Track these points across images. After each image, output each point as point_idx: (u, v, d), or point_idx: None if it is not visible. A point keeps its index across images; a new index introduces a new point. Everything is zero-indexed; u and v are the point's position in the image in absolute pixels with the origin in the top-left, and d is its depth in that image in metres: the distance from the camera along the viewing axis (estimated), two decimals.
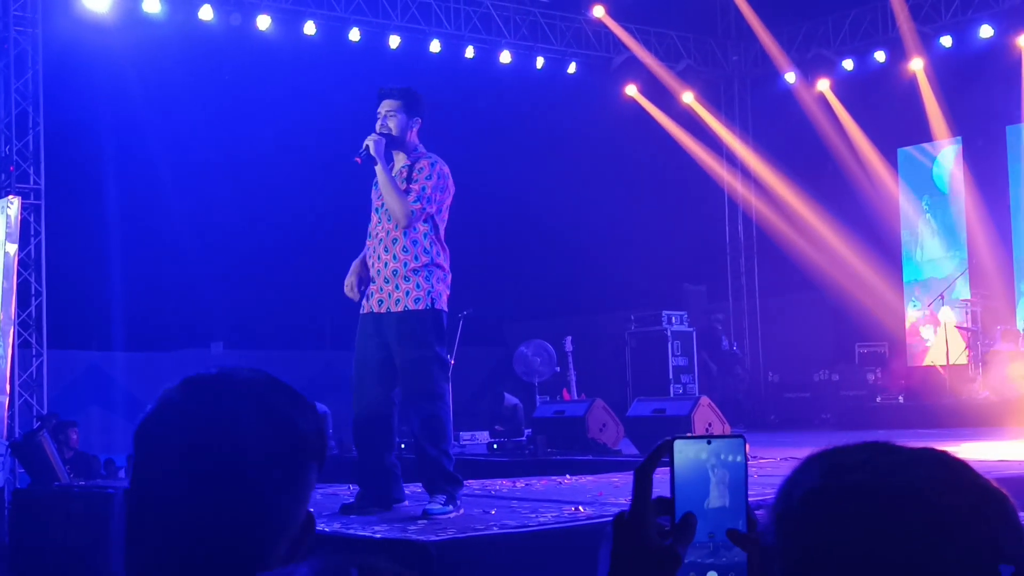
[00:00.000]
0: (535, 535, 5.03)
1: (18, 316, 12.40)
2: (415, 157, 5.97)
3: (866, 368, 15.72)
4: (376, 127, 5.93)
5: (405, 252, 5.86)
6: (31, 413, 12.59)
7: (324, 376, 14.52)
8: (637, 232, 17.50)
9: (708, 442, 1.28)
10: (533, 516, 5.47)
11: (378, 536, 4.94)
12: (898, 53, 16.06)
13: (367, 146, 5.83)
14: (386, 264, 5.86)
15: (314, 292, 17.11)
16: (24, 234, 12.54)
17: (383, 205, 5.92)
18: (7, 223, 11.14)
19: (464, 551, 4.71)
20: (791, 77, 17.04)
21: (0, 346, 10.93)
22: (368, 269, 5.98)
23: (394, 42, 15.18)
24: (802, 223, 17.03)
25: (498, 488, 7.35)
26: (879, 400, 14.85)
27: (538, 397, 14.03)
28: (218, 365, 1.42)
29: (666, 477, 1.27)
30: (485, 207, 16.47)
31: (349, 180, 6.26)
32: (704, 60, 18.01)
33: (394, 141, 5.92)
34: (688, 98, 17.63)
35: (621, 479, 7.75)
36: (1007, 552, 1.09)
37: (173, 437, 1.32)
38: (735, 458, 1.28)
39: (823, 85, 16.95)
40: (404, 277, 5.83)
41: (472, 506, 5.97)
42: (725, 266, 18.67)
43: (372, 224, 6.01)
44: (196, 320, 18.47)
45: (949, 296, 14.87)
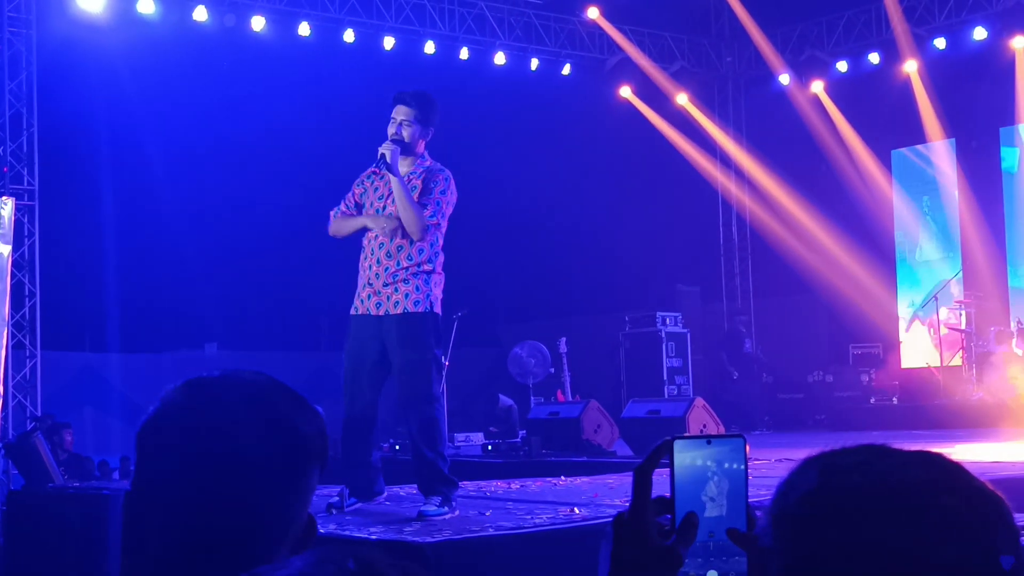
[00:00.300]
0: (531, 537, 5.03)
1: (12, 317, 12.39)
2: (421, 165, 5.96)
3: (860, 369, 15.73)
4: (389, 132, 5.89)
5: (410, 259, 5.86)
6: (24, 414, 12.58)
7: (318, 377, 14.50)
8: (631, 233, 17.50)
9: (708, 442, 1.29)
10: (528, 517, 5.47)
11: (374, 537, 4.94)
12: (892, 55, 16.08)
13: (383, 155, 5.77)
14: (387, 268, 5.85)
15: (308, 293, 17.11)
16: (18, 235, 12.53)
17: (383, 209, 5.91)
18: (1, 224, 11.13)
19: (460, 552, 4.71)
20: (785, 78, 17.06)
21: None
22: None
23: (388, 43, 15.16)
24: (796, 224, 17.03)
25: (493, 489, 7.35)
26: (873, 401, 14.86)
27: (532, 398, 14.03)
28: (216, 367, 1.42)
29: (665, 477, 1.28)
30: (479, 208, 16.41)
31: (345, 181, 6.25)
32: (698, 61, 18.02)
33: (406, 149, 5.89)
34: (682, 99, 17.64)
35: (616, 480, 7.75)
36: (1004, 553, 1.10)
37: (175, 439, 1.32)
38: (735, 457, 1.28)
39: (817, 86, 16.96)
40: (404, 280, 5.84)
41: (467, 507, 5.97)
42: (719, 267, 18.67)
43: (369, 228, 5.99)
44: (190, 321, 18.45)
45: (943, 297, 14.88)
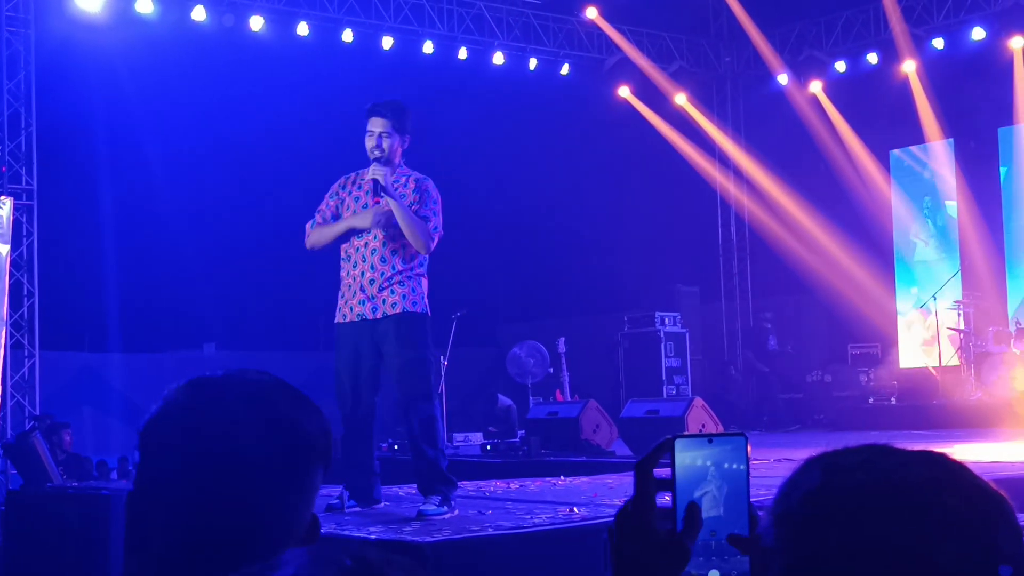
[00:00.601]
0: (530, 536, 5.03)
1: (10, 317, 12.38)
2: (402, 174, 6.01)
3: (859, 369, 15.72)
4: (368, 146, 5.94)
5: (404, 263, 5.92)
6: (23, 414, 12.57)
7: (317, 377, 14.46)
8: (630, 233, 17.50)
9: (709, 441, 1.28)
10: (528, 517, 5.47)
11: (373, 537, 4.94)
12: (890, 55, 16.08)
13: (376, 180, 5.83)
14: (382, 273, 5.90)
15: (307, 293, 17.07)
16: (16, 235, 12.52)
17: (378, 220, 5.93)
18: None
19: (459, 552, 4.71)
20: (784, 78, 17.05)
21: None
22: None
23: (387, 43, 15.16)
24: (795, 224, 17.03)
25: (492, 489, 7.34)
26: (872, 401, 14.85)
27: (531, 398, 14.03)
28: (215, 367, 1.42)
29: (666, 476, 1.27)
30: (478, 208, 16.46)
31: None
32: (697, 61, 18.02)
33: (387, 162, 5.95)
34: (681, 99, 17.63)
35: (615, 480, 7.75)
36: (1005, 553, 1.10)
37: (177, 439, 1.31)
38: (737, 456, 1.28)
39: (816, 87, 16.96)
40: (400, 283, 5.90)
41: (467, 507, 5.97)
42: (718, 267, 18.68)
43: (356, 234, 5.98)
44: (189, 321, 18.44)
45: (941, 297, 14.88)
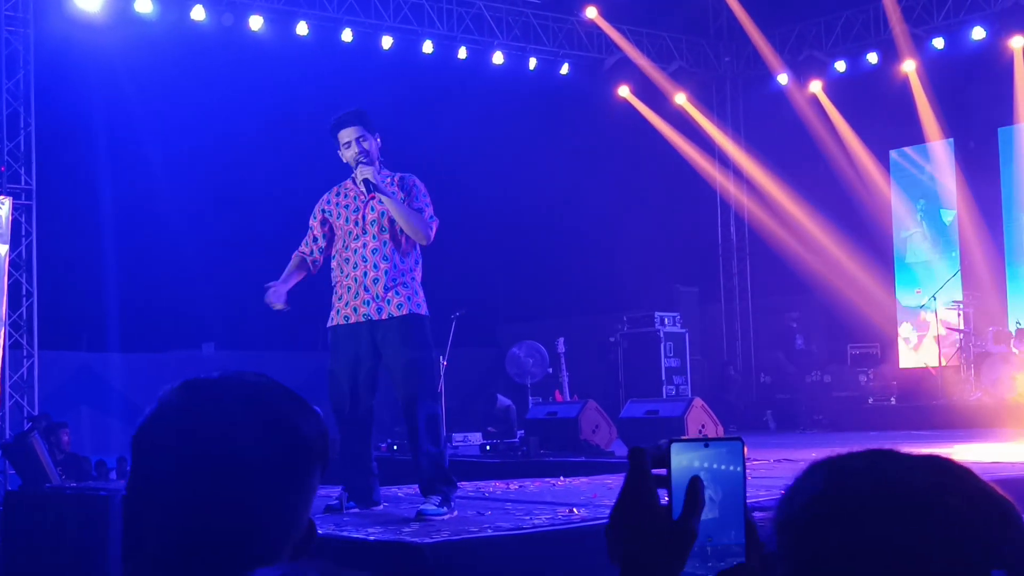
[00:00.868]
0: (530, 537, 5.01)
1: (9, 317, 12.37)
2: (385, 175, 6.03)
3: (858, 369, 15.71)
4: (349, 155, 5.97)
5: (403, 260, 5.97)
6: (22, 414, 12.56)
7: (316, 377, 14.45)
8: (629, 233, 17.48)
9: (705, 445, 1.27)
10: (527, 518, 5.45)
11: (372, 539, 4.92)
12: (890, 55, 16.08)
13: (366, 179, 5.86)
14: (386, 272, 5.92)
15: (306, 293, 17.05)
16: (15, 235, 12.52)
17: (362, 221, 5.95)
18: None
19: (458, 553, 4.69)
20: (783, 78, 17.05)
21: None
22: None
23: (387, 43, 15.15)
24: (794, 224, 17.03)
25: (491, 490, 7.33)
26: (871, 401, 14.85)
27: (531, 398, 14.02)
28: (214, 367, 1.40)
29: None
30: (477, 208, 16.45)
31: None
32: (696, 61, 18.01)
33: (371, 163, 5.99)
34: (680, 99, 17.63)
35: (615, 481, 7.73)
36: (1011, 559, 1.08)
37: (173, 441, 1.29)
38: (733, 460, 1.27)
39: (815, 86, 16.96)
40: (403, 284, 5.94)
41: (466, 508, 5.95)
42: (717, 267, 18.68)
43: (353, 238, 6.01)
44: (188, 321, 18.42)
45: (941, 297, 14.87)
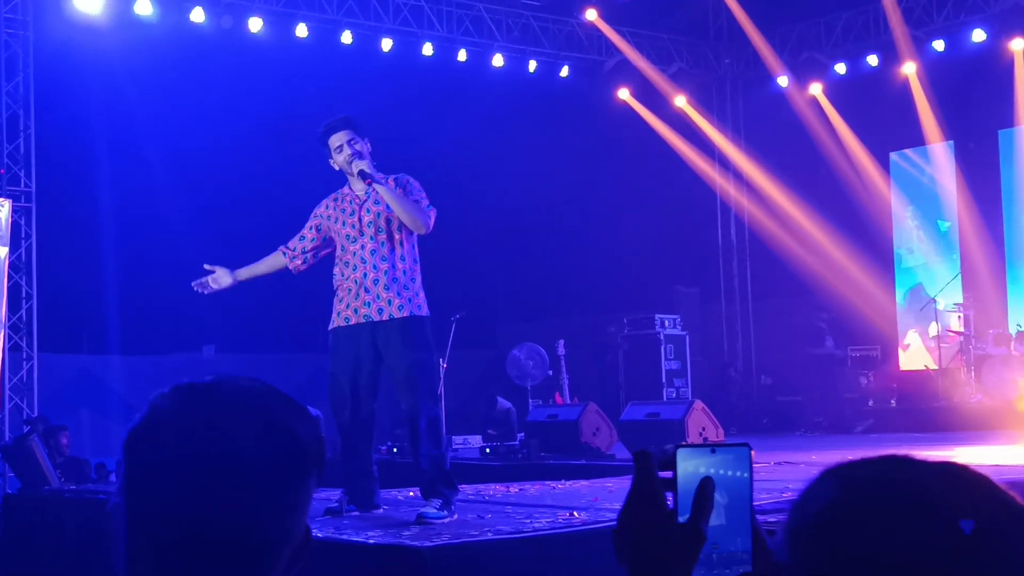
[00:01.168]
0: (530, 541, 4.99)
1: (9, 319, 12.35)
2: (379, 177, 6.01)
3: (858, 372, 15.70)
4: (343, 159, 5.96)
5: (402, 260, 5.96)
6: (21, 417, 12.54)
7: (316, 379, 14.43)
8: (630, 235, 17.46)
9: (712, 451, 1.25)
10: (528, 521, 5.43)
11: (372, 542, 4.90)
12: (891, 57, 16.06)
13: (362, 170, 5.86)
14: (385, 272, 5.92)
15: (306, 295, 17.03)
16: (15, 237, 12.50)
17: (359, 222, 5.94)
18: None
19: (458, 557, 4.68)
20: (783, 80, 17.04)
21: None
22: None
23: (386, 45, 15.13)
24: (794, 226, 17.01)
25: (492, 493, 7.32)
26: (871, 404, 14.82)
27: (531, 401, 13.99)
28: (214, 369, 1.37)
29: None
30: (477, 210, 16.44)
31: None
32: (696, 63, 18.00)
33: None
34: (680, 101, 17.62)
35: (615, 484, 7.72)
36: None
37: (169, 446, 1.26)
38: (740, 466, 1.25)
39: (815, 88, 16.95)
40: (404, 285, 5.94)
41: (466, 511, 5.94)
42: (718, 269, 18.66)
43: (351, 240, 6.00)
44: (188, 323, 18.37)
45: (941, 299, 14.85)
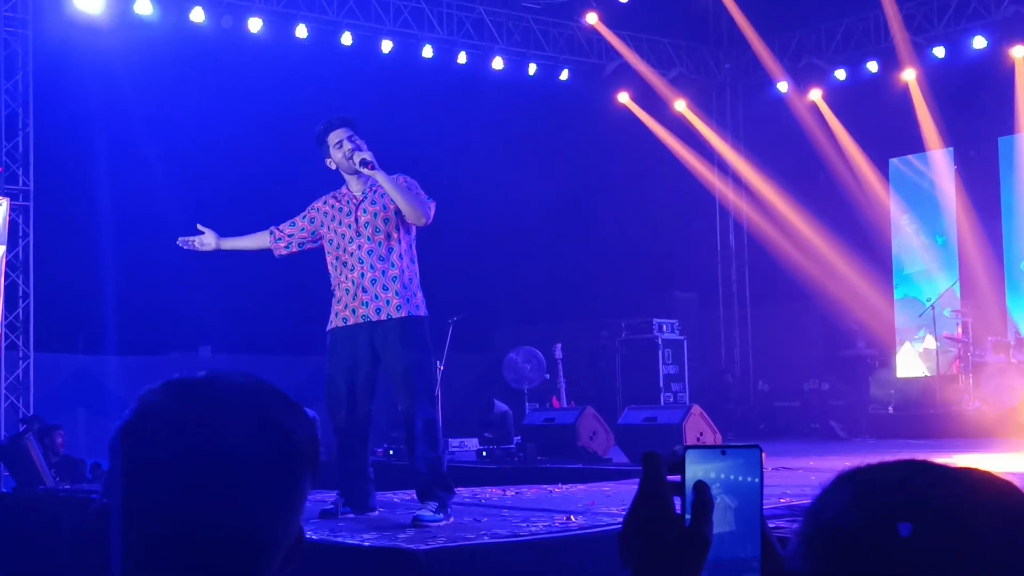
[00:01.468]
0: (526, 544, 4.97)
1: (5, 318, 12.33)
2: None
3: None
4: (342, 152, 5.95)
5: (400, 260, 5.94)
6: (17, 416, 12.51)
7: (313, 381, 14.40)
8: (628, 239, 17.45)
9: (722, 453, 1.22)
10: (524, 525, 5.41)
11: (367, 544, 4.88)
12: (891, 63, 16.05)
13: (365, 159, 5.84)
14: (384, 271, 5.90)
15: (304, 297, 16.99)
16: (12, 236, 12.48)
17: (355, 223, 5.93)
18: None
19: (454, 560, 4.65)
20: (783, 86, 17.03)
21: None
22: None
23: (386, 47, 15.12)
24: (793, 232, 17.00)
25: (488, 496, 7.29)
26: (869, 410, 14.80)
27: (528, 404, 13.95)
28: (205, 368, 1.34)
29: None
30: (475, 213, 16.40)
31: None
32: (696, 68, 17.99)
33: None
34: (680, 106, 17.61)
35: (612, 488, 7.70)
36: None
37: (158, 444, 1.23)
38: (750, 469, 1.22)
39: (815, 94, 16.94)
40: (403, 285, 5.92)
41: (462, 514, 5.91)
42: (716, 274, 18.65)
43: (348, 241, 5.99)
44: (185, 324, 18.36)
45: (940, 306, 14.83)
